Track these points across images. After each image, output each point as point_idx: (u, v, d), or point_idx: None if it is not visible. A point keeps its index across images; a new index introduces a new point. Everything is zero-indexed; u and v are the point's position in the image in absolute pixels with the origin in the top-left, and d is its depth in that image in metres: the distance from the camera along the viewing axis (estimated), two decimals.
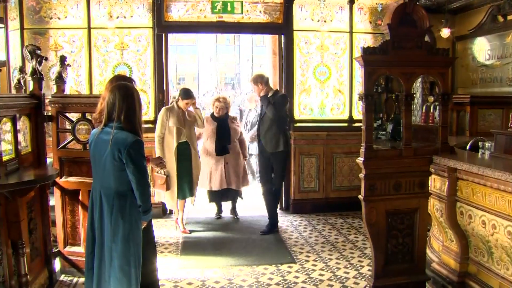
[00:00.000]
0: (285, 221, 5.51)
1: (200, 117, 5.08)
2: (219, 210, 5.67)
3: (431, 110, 5.26)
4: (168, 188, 4.49)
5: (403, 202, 3.30)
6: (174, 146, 4.81)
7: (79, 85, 5.48)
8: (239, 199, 5.67)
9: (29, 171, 3.31)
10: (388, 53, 3.17)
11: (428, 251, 3.82)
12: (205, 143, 5.47)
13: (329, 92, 5.91)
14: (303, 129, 5.82)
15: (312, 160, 5.86)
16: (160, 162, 3.60)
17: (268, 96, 4.97)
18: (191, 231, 5.05)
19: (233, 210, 5.65)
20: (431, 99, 5.43)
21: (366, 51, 3.14)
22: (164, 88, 5.60)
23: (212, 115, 5.46)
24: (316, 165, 5.85)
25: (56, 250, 3.81)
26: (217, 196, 5.58)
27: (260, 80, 5.00)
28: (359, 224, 5.39)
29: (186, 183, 4.93)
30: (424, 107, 5.48)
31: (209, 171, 5.37)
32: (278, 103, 4.91)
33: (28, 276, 3.12)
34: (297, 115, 5.83)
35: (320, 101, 5.89)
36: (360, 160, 3.22)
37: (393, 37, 3.19)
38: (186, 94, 4.97)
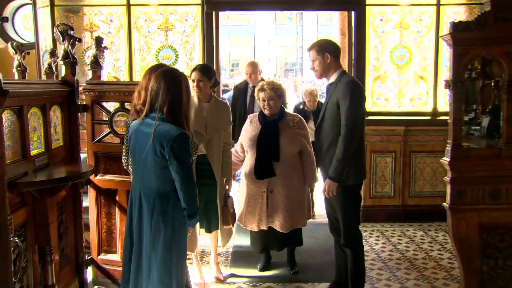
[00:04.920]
0: None
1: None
2: (264, 259, 4.38)
3: None
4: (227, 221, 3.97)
5: (503, 214, 3.09)
6: None
7: (117, 71, 5.60)
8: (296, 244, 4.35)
9: (60, 167, 3.37)
10: (487, 28, 2.96)
11: None
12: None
13: (409, 79, 5.69)
14: (377, 122, 5.63)
15: (387, 160, 5.69)
16: None
17: (330, 82, 3.54)
18: (226, 278, 4.16)
19: (289, 260, 4.35)
20: None
21: (457, 27, 2.96)
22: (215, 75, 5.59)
23: (261, 113, 4.09)
24: (391, 166, 5.67)
25: (88, 258, 3.88)
26: (260, 239, 4.23)
27: (330, 49, 3.50)
28: (444, 238, 5.16)
29: (212, 212, 3.96)
30: None
31: (245, 200, 4.09)
32: (348, 99, 3.32)
33: (56, 287, 3.18)
34: (369, 107, 5.65)
35: (398, 90, 5.70)
36: (445, 160, 3.08)
37: (495, 7, 2.98)
38: (192, 68, 3.98)
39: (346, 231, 3.50)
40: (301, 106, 6.02)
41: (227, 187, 4.03)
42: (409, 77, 5.70)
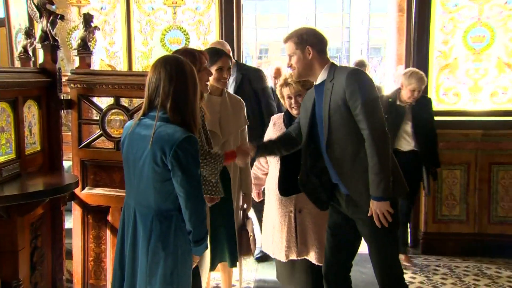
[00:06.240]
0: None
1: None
2: None
3: None
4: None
5: None
6: None
7: (113, 58, 5.66)
8: None
9: (36, 178, 3.39)
10: None
11: None
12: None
13: (489, 68, 5.59)
14: (444, 125, 5.53)
15: (456, 174, 5.62)
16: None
17: (319, 82, 3.31)
18: None
19: None
20: None
21: None
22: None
23: (287, 114, 3.96)
24: (462, 182, 5.60)
25: None
26: (287, 271, 4.11)
27: (313, 40, 3.29)
28: None
29: (224, 240, 3.91)
30: None
31: (270, 223, 4.04)
32: (359, 93, 3.10)
33: None
34: (434, 104, 5.55)
35: (473, 83, 5.61)
36: None
37: None
38: (215, 53, 3.75)
39: (385, 271, 3.27)
40: (391, 99, 5.16)
41: (245, 205, 3.98)
42: (489, 65, 5.60)
